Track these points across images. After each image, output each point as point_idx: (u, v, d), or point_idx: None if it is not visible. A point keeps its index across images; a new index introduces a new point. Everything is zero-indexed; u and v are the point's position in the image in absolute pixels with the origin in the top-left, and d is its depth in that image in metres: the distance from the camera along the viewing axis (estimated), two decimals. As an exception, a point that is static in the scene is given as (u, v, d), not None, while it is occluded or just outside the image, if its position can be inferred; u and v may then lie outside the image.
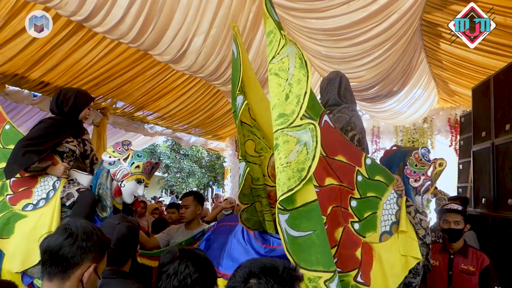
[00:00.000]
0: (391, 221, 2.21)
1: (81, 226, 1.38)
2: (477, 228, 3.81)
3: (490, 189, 3.73)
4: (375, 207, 2.17)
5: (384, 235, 2.18)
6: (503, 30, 3.93)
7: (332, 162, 2.03)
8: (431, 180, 2.50)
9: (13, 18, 3.53)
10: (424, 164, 2.47)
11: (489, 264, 2.73)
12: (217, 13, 4.01)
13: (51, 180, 2.71)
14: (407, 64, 5.60)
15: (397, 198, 2.27)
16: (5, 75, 4.33)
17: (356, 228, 2.09)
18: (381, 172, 2.23)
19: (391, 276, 2.04)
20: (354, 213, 2.09)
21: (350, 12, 3.88)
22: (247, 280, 1.12)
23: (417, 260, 2.16)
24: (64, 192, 2.65)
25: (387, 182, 2.24)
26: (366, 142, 2.50)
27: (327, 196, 2.00)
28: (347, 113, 2.49)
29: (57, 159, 2.74)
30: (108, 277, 1.79)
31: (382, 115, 8.24)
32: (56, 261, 1.30)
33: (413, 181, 2.47)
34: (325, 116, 1.97)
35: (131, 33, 3.65)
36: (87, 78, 4.88)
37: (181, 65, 4.57)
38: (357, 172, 2.11)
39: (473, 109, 4.40)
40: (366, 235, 2.11)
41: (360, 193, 2.12)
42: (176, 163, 18.26)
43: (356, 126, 2.43)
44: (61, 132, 2.76)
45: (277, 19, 1.81)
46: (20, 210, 2.63)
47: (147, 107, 6.56)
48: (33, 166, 2.59)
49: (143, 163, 2.71)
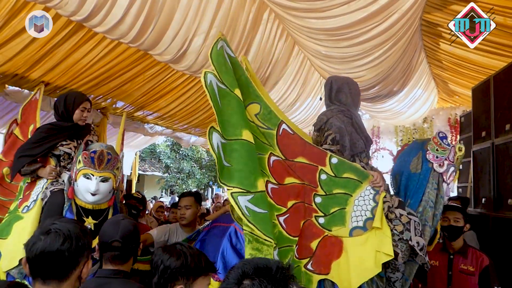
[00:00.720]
0: (366, 217, 2.27)
1: (72, 227, 1.37)
2: (477, 228, 3.81)
3: (490, 189, 3.73)
4: (344, 203, 2.30)
5: (356, 230, 2.26)
6: (503, 30, 3.93)
7: (291, 164, 2.29)
8: (454, 165, 2.44)
9: (13, 18, 3.53)
10: (445, 149, 2.43)
11: (488, 264, 2.72)
12: (217, 13, 4.01)
13: (42, 183, 2.81)
14: (407, 64, 5.60)
15: (374, 195, 2.31)
16: (5, 75, 4.33)
17: (320, 222, 2.29)
18: (351, 169, 2.33)
19: (358, 269, 2.16)
20: (319, 209, 2.30)
21: (350, 12, 3.88)
22: (240, 282, 1.11)
23: (388, 257, 2.16)
24: (44, 193, 2.73)
25: (359, 179, 2.33)
26: (347, 141, 2.46)
27: (287, 192, 2.27)
28: (327, 114, 2.58)
29: (50, 161, 2.86)
30: (110, 277, 1.78)
31: (382, 115, 8.25)
32: (55, 265, 1.29)
33: (438, 166, 2.43)
34: (283, 125, 2.29)
35: (131, 33, 3.65)
36: (87, 78, 4.87)
37: (181, 65, 4.56)
38: (320, 171, 2.31)
39: (473, 109, 4.40)
40: (332, 228, 2.28)
41: (325, 190, 2.30)
42: (176, 163, 18.27)
43: (332, 126, 2.49)
44: (54, 136, 2.88)
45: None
46: (20, 212, 2.74)
47: (147, 107, 6.56)
48: (23, 169, 2.73)
49: (81, 156, 2.48)
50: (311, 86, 7.05)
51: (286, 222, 2.23)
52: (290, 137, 2.30)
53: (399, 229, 2.26)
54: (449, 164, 2.43)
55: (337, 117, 2.53)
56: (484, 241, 3.70)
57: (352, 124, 2.57)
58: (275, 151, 2.27)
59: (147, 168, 19.05)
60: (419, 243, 2.26)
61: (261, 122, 2.26)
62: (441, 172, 2.43)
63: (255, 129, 2.25)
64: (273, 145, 2.27)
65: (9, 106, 5.35)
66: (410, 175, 2.51)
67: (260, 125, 2.25)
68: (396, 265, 2.29)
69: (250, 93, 2.27)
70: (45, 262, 1.29)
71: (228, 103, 2.10)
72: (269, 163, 2.25)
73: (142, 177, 19.40)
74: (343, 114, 2.58)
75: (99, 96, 5.66)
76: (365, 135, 2.64)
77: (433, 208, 2.38)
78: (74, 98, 2.96)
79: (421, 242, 2.27)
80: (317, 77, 6.75)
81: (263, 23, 4.80)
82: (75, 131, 2.97)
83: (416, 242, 2.25)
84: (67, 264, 1.31)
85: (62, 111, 2.93)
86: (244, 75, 2.26)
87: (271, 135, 2.27)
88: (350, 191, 2.32)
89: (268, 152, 2.26)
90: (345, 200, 2.30)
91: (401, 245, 2.26)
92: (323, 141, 2.52)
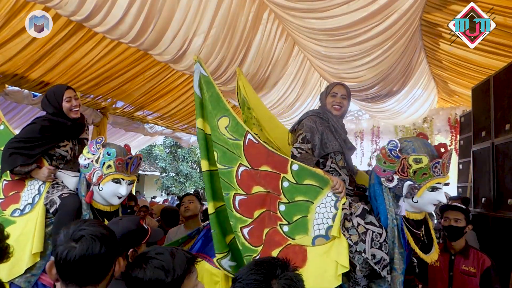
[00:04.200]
0: (327, 225, 2.18)
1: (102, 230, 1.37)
2: (477, 228, 3.81)
3: (490, 189, 3.73)
4: (306, 210, 2.25)
5: (318, 239, 2.19)
6: (503, 30, 3.93)
7: (256, 173, 2.33)
8: (412, 180, 2.09)
9: (13, 18, 3.53)
10: (394, 161, 2.11)
11: (490, 265, 2.69)
12: (217, 13, 4.01)
13: (37, 184, 2.59)
14: (407, 64, 5.60)
15: (335, 201, 2.22)
16: (5, 75, 4.33)
17: (285, 230, 2.26)
18: (312, 175, 2.28)
19: (319, 280, 2.08)
20: (283, 217, 2.27)
21: (350, 12, 3.88)
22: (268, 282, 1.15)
23: (344, 269, 2.05)
24: (48, 198, 2.51)
25: (320, 185, 2.26)
26: (317, 140, 2.44)
27: (254, 201, 2.31)
28: (302, 116, 2.65)
29: (43, 161, 2.62)
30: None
31: (382, 115, 8.24)
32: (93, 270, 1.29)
33: (386, 181, 2.15)
34: (249, 135, 2.37)
35: (131, 33, 3.65)
36: (87, 78, 4.88)
37: (181, 65, 4.57)
38: (282, 179, 2.30)
39: (473, 109, 4.40)
40: (295, 237, 2.23)
41: (287, 198, 2.28)
42: (174, 165, 18.29)
43: (303, 126, 2.51)
44: (56, 134, 2.66)
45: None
46: (9, 216, 2.53)
47: (147, 107, 6.57)
48: (16, 170, 2.48)
49: (114, 161, 2.43)
50: (311, 86, 7.06)
51: (250, 233, 2.26)
52: (255, 146, 2.36)
53: (354, 239, 2.12)
54: (402, 178, 2.11)
55: (310, 118, 2.57)
56: (484, 241, 3.70)
57: (328, 126, 2.55)
58: (243, 161, 2.35)
59: (147, 168, 19.08)
60: (375, 256, 2.06)
61: (230, 134, 2.38)
62: (391, 187, 2.15)
63: (226, 141, 2.37)
64: (240, 155, 2.35)
65: (9, 106, 5.36)
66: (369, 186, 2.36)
67: (229, 137, 2.37)
68: (356, 278, 2.13)
69: (220, 108, 2.41)
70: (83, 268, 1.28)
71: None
72: (237, 175, 2.33)
73: (142, 177, 19.45)
74: (317, 115, 2.60)
75: (99, 96, 5.67)
76: (342, 138, 2.58)
77: (396, 226, 2.15)
78: (54, 93, 2.71)
79: (379, 255, 2.06)
80: (317, 77, 6.76)
81: (263, 23, 4.80)
82: (73, 129, 2.77)
83: (371, 255, 2.06)
84: (105, 267, 1.32)
85: (53, 110, 2.68)
86: (215, 92, 2.42)
87: (239, 146, 2.36)
88: (312, 198, 2.25)
89: (237, 163, 2.35)
90: (307, 208, 2.24)
91: (358, 257, 2.11)
92: (294, 140, 2.52)
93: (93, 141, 2.56)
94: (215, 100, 2.43)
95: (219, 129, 2.40)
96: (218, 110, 2.41)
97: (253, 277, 1.15)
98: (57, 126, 2.66)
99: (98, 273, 1.31)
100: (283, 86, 6.49)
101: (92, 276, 1.30)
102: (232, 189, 2.32)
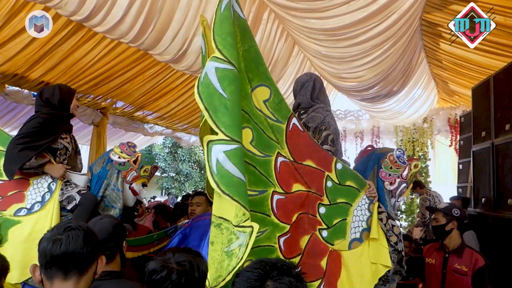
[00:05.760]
0: (362, 228, 2.15)
1: (85, 225, 1.45)
2: (477, 228, 3.81)
3: (490, 189, 3.73)
4: (345, 213, 2.10)
5: (354, 242, 2.12)
6: (503, 30, 3.93)
7: (300, 167, 1.98)
8: (406, 182, 2.44)
9: (13, 18, 3.53)
10: (399, 167, 2.41)
11: (483, 265, 2.69)
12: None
13: (45, 182, 2.57)
14: (407, 64, 5.60)
15: (368, 204, 2.19)
16: (5, 75, 4.33)
17: (324, 235, 2.04)
18: (353, 177, 2.15)
19: (359, 285, 2.01)
20: (323, 220, 2.04)
21: (350, 12, 3.88)
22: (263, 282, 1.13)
23: (387, 268, 2.11)
24: (63, 195, 2.53)
25: (358, 188, 2.16)
26: (340, 144, 2.49)
27: (293, 203, 1.98)
28: (322, 112, 2.43)
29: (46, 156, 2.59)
30: (101, 279, 1.78)
31: (382, 115, 8.25)
32: (77, 262, 1.34)
33: (388, 184, 2.40)
34: (294, 119, 1.94)
35: (131, 33, 3.65)
36: (87, 78, 4.87)
37: (181, 65, 4.56)
38: (326, 178, 2.05)
39: (473, 109, 4.40)
40: (334, 242, 2.06)
41: (330, 199, 2.06)
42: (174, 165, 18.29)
43: (330, 126, 2.35)
44: (57, 126, 2.64)
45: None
46: (11, 216, 2.47)
47: (147, 107, 6.56)
48: (29, 163, 2.43)
49: (151, 167, 2.83)
50: (311, 86, 7.04)
51: (286, 243, 1.95)
52: (300, 135, 1.97)
53: (394, 240, 2.22)
54: (401, 181, 2.41)
55: (330, 117, 2.45)
56: (484, 241, 3.69)
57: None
58: (283, 150, 1.94)
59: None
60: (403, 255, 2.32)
61: (269, 112, 1.88)
62: (391, 190, 2.41)
63: (261, 120, 1.87)
64: (281, 142, 1.92)
65: (9, 106, 5.35)
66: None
67: (268, 115, 1.88)
68: (387, 276, 2.22)
69: (260, 73, 1.84)
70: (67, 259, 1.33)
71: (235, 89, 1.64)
72: (276, 166, 1.92)
73: (142, 176, 19.41)
74: (331, 114, 2.53)
75: (99, 96, 5.66)
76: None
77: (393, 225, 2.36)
78: (69, 89, 2.81)
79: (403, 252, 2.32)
80: (317, 77, 6.76)
81: (263, 23, 4.80)
82: (69, 124, 2.80)
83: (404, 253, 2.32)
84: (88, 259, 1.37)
85: (59, 100, 2.67)
86: (254, 47, 1.80)
87: (280, 130, 1.92)
88: (351, 201, 2.14)
89: (275, 151, 1.92)
90: (346, 210, 2.11)
91: (393, 256, 2.22)
92: (322, 141, 2.33)
93: (125, 144, 2.83)
94: (253, 59, 1.82)
95: (253, 101, 1.84)
96: (255, 75, 1.83)
97: (248, 275, 1.15)
98: (55, 117, 2.66)
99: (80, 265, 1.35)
100: (283, 86, 6.49)
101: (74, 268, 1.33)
102: (270, 185, 1.90)
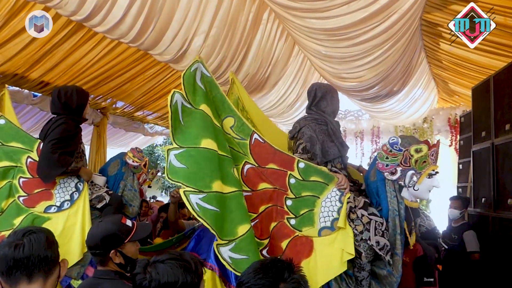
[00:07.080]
0: (333, 217, 2.40)
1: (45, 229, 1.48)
2: (477, 228, 3.81)
3: (490, 189, 3.73)
4: (312, 205, 2.46)
5: (324, 230, 2.40)
6: (503, 30, 3.93)
7: (263, 171, 2.50)
8: (413, 169, 2.34)
9: (13, 18, 3.53)
10: (396, 155, 2.36)
11: (421, 255, 2.73)
12: (217, 13, 4.01)
13: (72, 182, 2.71)
14: (407, 64, 5.60)
15: (339, 196, 2.43)
16: (5, 75, 4.33)
17: (292, 223, 2.46)
18: (317, 173, 2.48)
19: (325, 268, 2.31)
20: (290, 211, 2.47)
21: (351, 12, 3.88)
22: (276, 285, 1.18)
23: (350, 256, 2.26)
24: (93, 194, 2.74)
25: (326, 182, 2.47)
26: (317, 149, 2.58)
27: (259, 198, 2.49)
28: (300, 123, 2.73)
29: None
30: (101, 278, 1.80)
31: (382, 115, 8.25)
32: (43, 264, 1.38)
33: (389, 174, 2.38)
34: (255, 135, 2.51)
35: (131, 33, 3.65)
36: (87, 78, 4.88)
37: (181, 65, 4.57)
38: (289, 176, 2.48)
39: (473, 109, 4.40)
40: (302, 229, 2.44)
41: (294, 193, 2.47)
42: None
43: (304, 135, 2.64)
44: (79, 131, 2.82)
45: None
46: (41, 213, 2.60)
47: (147, 107, 6.57)
48: (71, 167, 2.62)
49: (155, 171, 3.18)
50: (311, 86, 7.05)
51: (255, 227, 2.41)
52: (262, 146, 2.51)
53: (359, 229, 2.32)
54: (404, 169, 2.36)
55: (309, 126, 2.66)
56: (484, 241, 3.70)
57: (327, 131, 2.65)
58: (249, 159, 2.50)
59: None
60: (379, 243, 2.28)
61: (235, 134, 2.50)
62: (395, 179, 2.37)
63: (231, 141, 2.49)
64: (247, 154, 2.50)
65: (9, 106, 5.34)
66: (371, 183, 2.54)
67: (235, 136, 2.50)
68: (361, 264, 2.34)
69: (225, 108, 2.51)
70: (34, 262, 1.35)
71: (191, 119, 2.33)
72: (243, 172, 2.48)
73: (142, 177, 19.43)
74: (316, 122, 2.68)
75: (99, 96, 5.66)
76: (340, 141, 2.69)
77: (397, 215, 2.39)
78: (86, 94, 2.89)
79: (382, 242, 2.28)
80: (317, 77, 6.75)
81: (263, 23, 4.80)
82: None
83: (376, 242, 2.28)
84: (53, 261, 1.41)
85: (77, 105, 2.78)
86: (219, 93, 2.49)
87: (245, 145, 2.51)
88: (318, 194, 2.46)
89: (243, 161, 2.49)
90: (313, 202, 2.45)
91: (363, 244, 2.32)
92: (294, 149, 2.69)
93: (134, 149, 3.10)
94: (219, 100, 2.50)
95: (224, 129, 2.49)
96: (222, 111, 2.51)
97: (261, 282, 1.16)
98: (77, 123, 2.83)
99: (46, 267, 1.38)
100: (283, 86, 6.49)
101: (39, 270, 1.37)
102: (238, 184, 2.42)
